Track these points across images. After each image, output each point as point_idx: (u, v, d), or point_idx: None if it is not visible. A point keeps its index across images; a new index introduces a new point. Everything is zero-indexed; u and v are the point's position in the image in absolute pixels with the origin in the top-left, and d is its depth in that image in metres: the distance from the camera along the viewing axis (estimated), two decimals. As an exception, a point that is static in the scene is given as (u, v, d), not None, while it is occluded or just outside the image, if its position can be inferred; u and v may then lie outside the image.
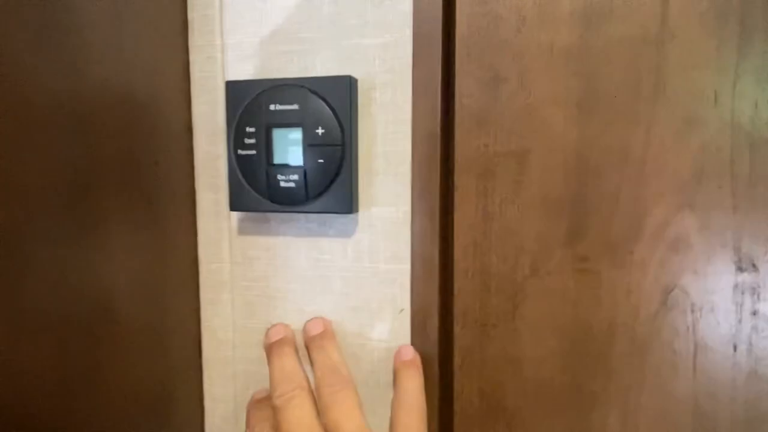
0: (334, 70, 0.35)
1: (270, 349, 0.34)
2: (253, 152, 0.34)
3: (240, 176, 0.34)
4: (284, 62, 0.35)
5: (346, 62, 0.34)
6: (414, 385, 0.32)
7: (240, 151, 0.34)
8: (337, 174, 0.33)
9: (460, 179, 0.33)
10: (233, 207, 0.35)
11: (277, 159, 0.34)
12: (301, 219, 0.36)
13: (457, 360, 0.34)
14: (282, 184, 0.33)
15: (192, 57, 0.37)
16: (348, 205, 0.33)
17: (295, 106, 0.33)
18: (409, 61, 0.33)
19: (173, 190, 0.36)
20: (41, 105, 0.26)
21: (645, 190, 0.31)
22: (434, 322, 0.35)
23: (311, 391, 0.32)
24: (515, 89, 0.32)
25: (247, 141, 0.34)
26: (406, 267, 0.35)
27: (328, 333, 0.35)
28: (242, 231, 0.38)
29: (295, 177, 0.33)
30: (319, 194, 0.33)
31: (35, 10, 0.26)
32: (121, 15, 0.31)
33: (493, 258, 0.33)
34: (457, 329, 0.34)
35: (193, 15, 0.37)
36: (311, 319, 0.36)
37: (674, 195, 0.31)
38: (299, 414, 0.30)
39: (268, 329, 0.36)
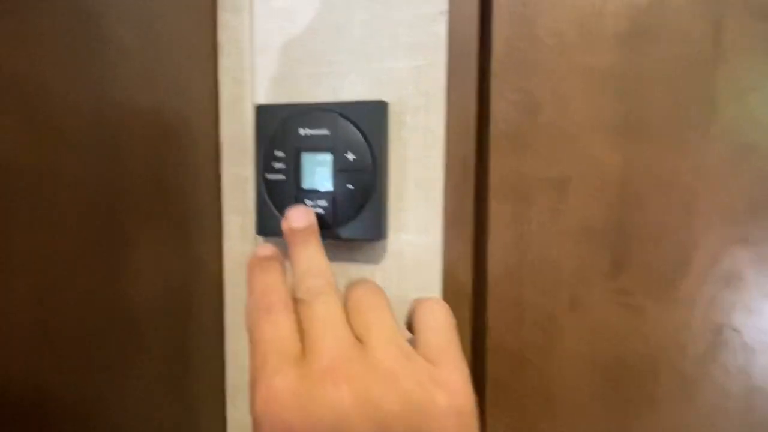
0: (365, 93, 0.34)
1: (294, 236, 0.29)
2: (282, 177, 0.33)
3: (268, 200, 0.34)
4: (313, 85, 0.35)
5: (377, 85, 0.34)
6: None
7: (268, 176, 0.33)
8: (366, 200, 0.32)
9: (494, 206, 0.32)
10: (260, 231, 0.34)
11: (306, 184, 0.33)
12: (327, 244, 0.36)
13: (489, 395, 0.33)
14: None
15: (221, 79, 0.37)
16: (378, 231, 0.32)
17: (325, 131, 0.32)
18: (442, 84, 0.32)
19: (200, 213, 0.36)
20: (72, 128, 0.26)
21: (694, 221, 0.29)
22: (466, 355, 0.33)
23: (338, 290, 0.26)
24: (554, 113, 0.30)
25: (276, 165, 0.33)
26: (437, 296, 0.34)
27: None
28: (269, 255, 0.37)
29: (324, 202, 0.32)
30: (348, 220, 0.33)
31: (67, 34, 0.26)
32: (151, 38, 0.31)
33: (529, 289, 0.32)
34: (490, 363, 0.33)
35: (222, 37, 0.36)
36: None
37: (726, 227, 0.29)
38: (328, 311, 0.24)
39: (289, 212, 0.30)
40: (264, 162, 0.34)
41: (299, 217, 0.29)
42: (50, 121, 0.25)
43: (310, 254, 0.28)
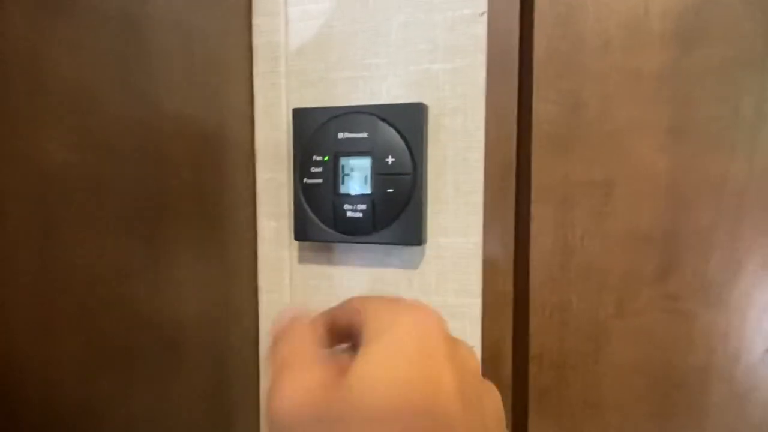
0: (402, 96, 0.34)
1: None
2: (320, 181, 0.33)
3: (305, 205, 0.33)
4: (350, 89, 0.35)
5: (415, 88, 0.33)
6: None
7: (306, 180, 0.33)
8: (406, 204, 0.32)
9: (537, 209, 0.31)
10: (297, 236, 0.34)
11: (345, 188, 0.33)
12: (364, 248, 0.35)
13: (532, 404, 0.32)
14: (349, 213, 0.32)
15: (256, 84, 0.37)
16: (417, 236, 0.32)
17: (364, 134, 0.32)
18: (482, 86, 0.32)
19: (235, 218, 0.35)
20: (118, 136, 0.26)
21: (744, 223, 0.28)
22: (507, 361, 0.33)
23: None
24: (598, 115, 0.30)
25: (314, 170, 0.33)
26: (477, 301, 0.33)
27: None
28: (303, 260, 0.37)
29: (363, 207, 0.32)
30: (387, 224, 0.32)
31: (114, 42, 0.26)
32: (190, 45, 0.31)
33: (574, 295, 0.31)
34: (532, 370, 0.32)
35: (257, 42, 0.36)
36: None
37: (780, 230, 0.28)
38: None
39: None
40: (301, 166, 0.33)
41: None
42: (98, 128, 0.25)
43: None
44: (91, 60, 0.24)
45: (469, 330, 0.33)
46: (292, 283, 0.37)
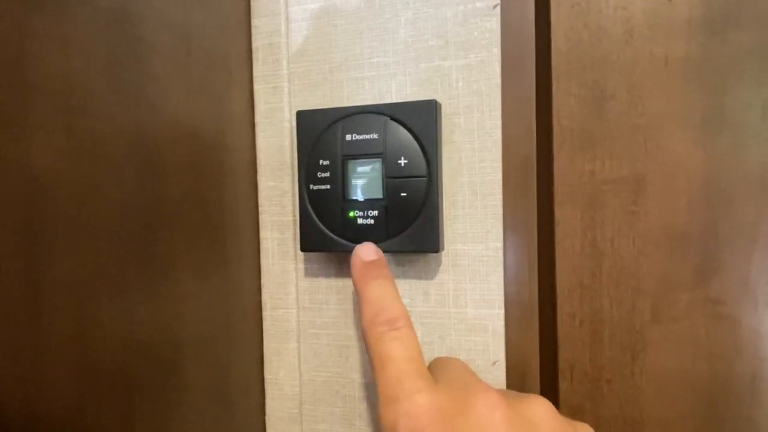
0: (413, 95, 0.32)
1: (363, 270, 0.28)
2: (327, 187, 0.31)
3: (312, 213, 0.31)
4: (357, 89, 0.33)
5: (426, 86, 0.31)
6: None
7: (312, 186, 0.31)
8: (420, 209, 0.30)
9: (562, 211, 0.29)
10: (304, 247, 0.32)
11: (354, 194, 0.30)
12: (376, 259, 0.33)
13: (564, 421, 0.29)
14: (359, 221, 0.30)
15: (257, 87, 0.35)
16: (434, 243, 0.30)
17: (374, 135, 0.30)
18: (497, 82, 0.30)
19: (237, 230, 0.33)
20: (111, 140, 0.24)
21: (789, 219, 0.26)
22: (535, 376, 0.30)
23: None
24: (624, 108, 0.28)
25: (321, 175, 0.31)
26: (499, 312, 0.31)
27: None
28: (310, 273, 0.34)
29: (375, 213, 0.30)
30: (401, 231, 0.30)
31: (107, 43, 0.24)
32: (187, 47, 0.29)
33: (606, 302, 0.29)
34: (563, 385, 0.29)
35: (257, 44, 0.35)
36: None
37: (828, 224, 0.26)
38: (404, 351, 0.24)
39: (357, 248, 0.29)
40: (307, 172, 0.31)
41: (369, 250, 0.29)
42: (89, 131, 0.23)
43: (384, 287, 0.27)
44: (82, 57, 0.22)
45: (492, 344, 0.31)
46: (298, 298, 0.35)
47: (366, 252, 0.28)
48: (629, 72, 0.28)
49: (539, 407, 0.23)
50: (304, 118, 0.32)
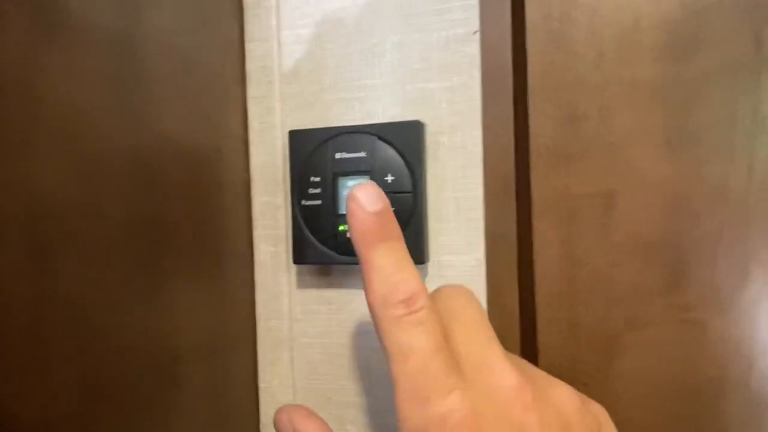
0: (399, 115, 0.33)
1: (369, 226, 0.22)
2: (319, 202, 0.32)
3: (304, 227, 0.33)
4: (346, 110, 0.34)
5: (411, 107, 0.33)
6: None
7: (304, 202, 0.33)
8: (407, 223, 0.31)
9: (539, 224, 0.31)
10: (296, 260, 0.33)
11: (344, 209, 0.32)
12: (365, 271, 0.34)
13: (545, 424, 0.31)
14: (349, 234, 0.32)
15: (251, 107, 0.36)
16: (420, 254, 0.31)
17: (362, 154, 0.31)
18: (478, 103, 0.32)
19: (232, 243, 0.35)
20: (111, 160, 0.25)
21: (750, 229, 0.28)
22: (517, 381, 0.31)
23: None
24: (596, 127, 0.30)
25: (312, 191, 0.32)
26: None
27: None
28: (302, 284, 0.36)
29: (363, 227, 0.31)
30: (388, 244, 0.31)
31: (107, 64, 0.25)
32: (184, 69, 0.31)
33: (582, 309, 0.30)
34: (544, 389, 0.31)
35: (251, 66, 0.36)
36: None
37: (786, 234, 0.28)
38: (430, 339, 0.20)
39: (355, 191, 0.23)
40: (299, 188, 0.33)
41: (373, 196, 0.22)
42: (92, 153, 0.24)
43: (400, 256, 0.22)
44: (86, 84, 0.24)
45: (476, 350, 0.32)
46: (291, 308, 0.36)
47: (370, 198, 0.22)
48: (600, 93, 0.30)
49: (566, 399, 0.22)
50: (296, 138, 0.33)
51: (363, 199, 0.22)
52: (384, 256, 0.22)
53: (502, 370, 0.21)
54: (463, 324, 0.22)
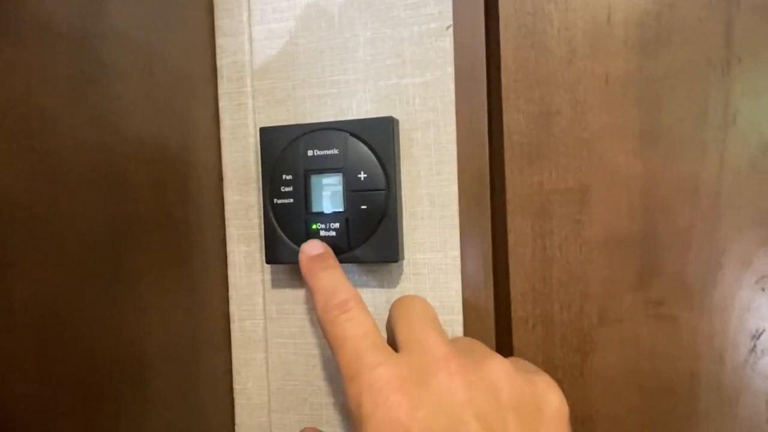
0: (372, 111, 0.33)
1: (312, 263, 0.29)
2: (291, 200, 0.32)
3: (276, 226, 0.32)
4: (318, 106, 0.34)
5: (384, 103, 0.33)
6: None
7: (276, 200, 0.32)
8: (380, 220, 0.31)
9: (513, 220, 0.31)
10: (269, 260, 0.33)
11: (316, 207, 0.32)
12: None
13: (521, 421, 0.31)
14: (322, 233, 0.31)
15: (222, 104, 0.36)
16: (394, 252, 0.31)
17: (334, 151, 0.31)
18: (451, 98, 0.32)
19: (203, 243, 0.34)
20: (72, 158, 0.24)
21: (721, 224, 0.28)
22: (493, 378, 0.31)
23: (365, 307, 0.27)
24: (569, 123, 0.30)
25: (284, 189, 0.32)
26: (458, 318, 0.32)
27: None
28: (276, 284, 0.35)
29: (336, 225, 0.31)
30: (362, 242, 0.31)
31: (67, 64, 0.24)
32: (150, 65, 0.30)
33: (556, 305, 0.30)
34: (519, 386, 0.31)
35: (222, 62, 0.36)
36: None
37: (755, 228, 0.28)
38: (358, 329, 0.25)
39: (303, 246, 0.30)
40: (271, 186, 0.32)
41: (314, 246, 0.30)
42: (49, 150, 0.23)
43: (332, 275, 0.28)
44: (42, 81, 0.23)
45: (451, 348, 0.32)
46: (265, 308, 0.36)
47: (311, 247, 0.30)
48: (573, 89, 0.30)
49: (498, 367, 0.24)
50: (267, 135, 0.33)
51: (306, 247, 0.30)
52: (323, 279, 0.28)
53: (432, 345, 0.24)
54: (407, 318, 0.27)
